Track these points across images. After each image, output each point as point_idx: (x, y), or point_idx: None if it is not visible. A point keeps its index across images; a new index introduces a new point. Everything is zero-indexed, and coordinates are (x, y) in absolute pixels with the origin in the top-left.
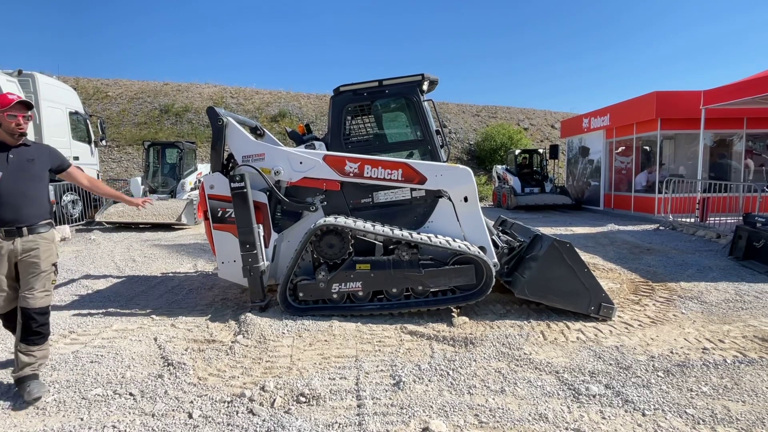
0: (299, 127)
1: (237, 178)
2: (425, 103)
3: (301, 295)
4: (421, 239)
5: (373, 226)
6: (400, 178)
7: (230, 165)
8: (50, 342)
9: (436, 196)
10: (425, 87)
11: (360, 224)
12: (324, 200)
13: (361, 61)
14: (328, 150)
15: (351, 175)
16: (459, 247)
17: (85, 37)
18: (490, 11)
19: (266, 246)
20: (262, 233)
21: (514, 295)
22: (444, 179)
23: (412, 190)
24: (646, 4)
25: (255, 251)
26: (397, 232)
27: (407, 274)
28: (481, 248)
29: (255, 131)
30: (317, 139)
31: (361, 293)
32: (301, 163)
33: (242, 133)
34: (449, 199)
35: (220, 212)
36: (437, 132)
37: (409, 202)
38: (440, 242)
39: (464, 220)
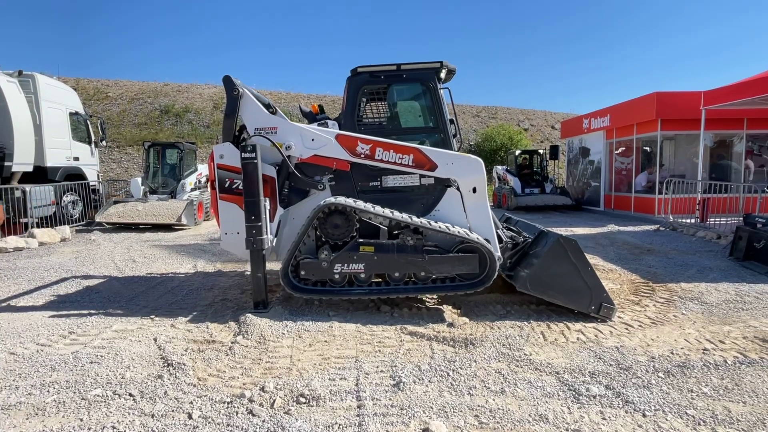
0: (313, 107)
1: (248, 149)
2: (441, 91)
3: (303, 273)
4: (429, 225)
5: (381, 209)
6: (410, 164)
7: (241, 137)
8: None
9: (444, 184)
10: (443, 75)
11: (367, 206)
12: (332, 180)
13: (361, 63)
14: (340, 130)
15: (362, 156)
16: (465, 234)
17: (86, 46)
18: (490, 12)
19: (271, 220)
20: (268, 207)
21: (516, 289)
22: (454, 168)
23: (421, 176)
24: (647, 6)
25: (260, 223)
26: (405, 216)
27: (410, 259)
28: (486, 240)
29: (267, 108)
30: (330, 119)
31: (363, 275)
32: (312, 140)
33: (256, 105)
34: (458, 188)
35: (228, 183)
36: (451, 121)
37: (418, 188)
38: (447, 229)
39: (471, 211)
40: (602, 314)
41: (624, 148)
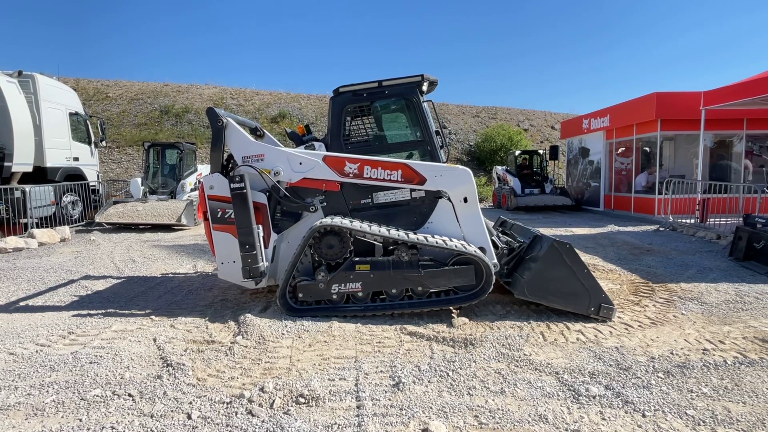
0: (299, 128)
1: (236, 179)
2: (425, 104)
3: (300, 295)
4: (419, 239)
5: (371, 226)
6: (399, 179)
7: (230, 166)
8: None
9: (435, 196)
10: (425, 88)
11: (359, 225)
12: (324, 201)
13: (362, 63)
14: (327, 151)
15: (351, 175)
16: (458, 247)
17: (85, 48)
18: (491, 14)
19: (266, 247)
20: (261, 234)
21: (514, 296)
22: (443, 180)
23: (411, 190)
24: (647, 7)
25: (254, 252)
26: (396, 232)
27: (407, 275)
28: (481, 249)
29: (255, 132)
30: (317, 140)
31: (360, 294)
32: (300, 163)
33: (242, 134)
34: (449, 199)
35: (220, 213)
36: (437, 133)
37: (409, 202)
38: (439, 242)
39: (464, 221)
40: (602, 315)
41: (624, 149)
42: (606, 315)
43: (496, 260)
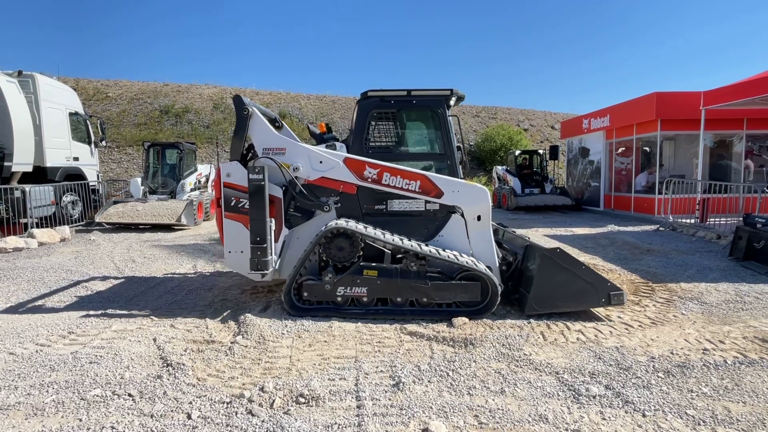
0: (320, 126)
1: (256, 170)
2: (450, 118)
3: (305, 294)
4: (431, 252)
5: (385, 234)
6: (417, 190)
7: (249, 156)
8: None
9: (449, 211)
10: (452, 102)
11: (373, 231)
12: (338, 202)
13: (362, 63)
14: (348, 152)
15: (369, 180)
16: (468, 263)
17: (85, 50)
18: (492, 15)
19: (276, 240)
20: (273, 227)
21: (524, 313)
22: (460, 196)
23: (426, 202)
24: (647, 7)
25: (265, 245)
26: (409, 242)
27: (413, 285)
28: (488, 267)
29: (273, 123)
30: (337, 140)
31: (365, 299)
32: (321, 162)
33: (266, 125)
34: (462, 215)
35: (234, 201)
36: (458, 148)
37: (422, 214)
38: (450, 257)
39: (474, 238)
40: (614, 303)
41: (624, 148)
42: (618, 301)
43: (500, 280)
